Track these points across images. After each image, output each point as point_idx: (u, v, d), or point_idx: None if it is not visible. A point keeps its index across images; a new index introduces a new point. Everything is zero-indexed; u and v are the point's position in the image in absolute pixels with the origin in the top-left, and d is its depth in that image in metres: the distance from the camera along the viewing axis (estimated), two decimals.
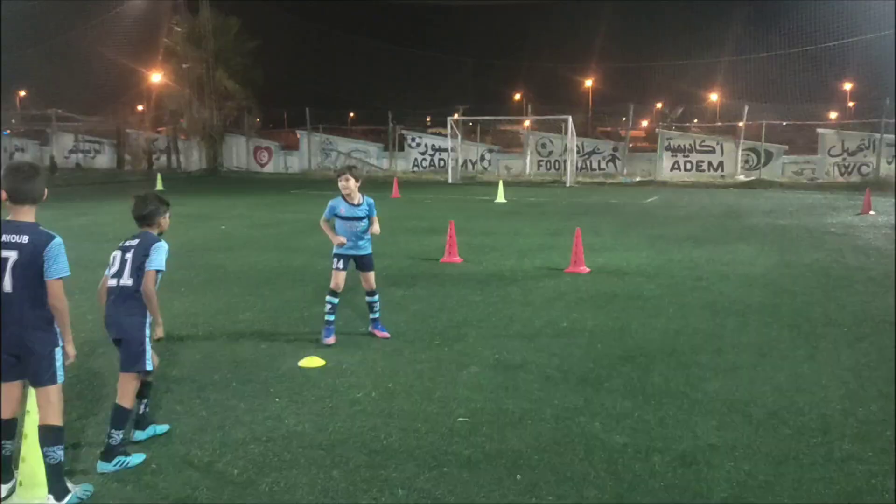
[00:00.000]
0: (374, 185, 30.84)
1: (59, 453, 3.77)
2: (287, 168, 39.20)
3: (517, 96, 61.80)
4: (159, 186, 28.18)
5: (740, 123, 31.64)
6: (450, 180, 32.48)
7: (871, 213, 18.46)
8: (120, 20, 40.00)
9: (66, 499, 3.77)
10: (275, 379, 5.81)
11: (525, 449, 4.53)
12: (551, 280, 9.80)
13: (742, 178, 30.75)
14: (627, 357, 6.37)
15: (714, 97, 46.55)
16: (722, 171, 31.86)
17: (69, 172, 35.96)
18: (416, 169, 37.18)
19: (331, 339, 6.77)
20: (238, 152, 40.61)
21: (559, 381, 5.76)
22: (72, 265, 3.99)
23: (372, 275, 6.99)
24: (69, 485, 3.86)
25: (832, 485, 4.08)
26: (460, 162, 34.76)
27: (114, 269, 4.48)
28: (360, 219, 6.79)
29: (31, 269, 3.71)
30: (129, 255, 4.49)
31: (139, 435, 4.64)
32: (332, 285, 6.82)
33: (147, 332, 4.44)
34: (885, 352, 6.49)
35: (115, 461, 4.23)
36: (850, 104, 45.98)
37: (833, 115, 40.87)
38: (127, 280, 4.42)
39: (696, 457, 4.41)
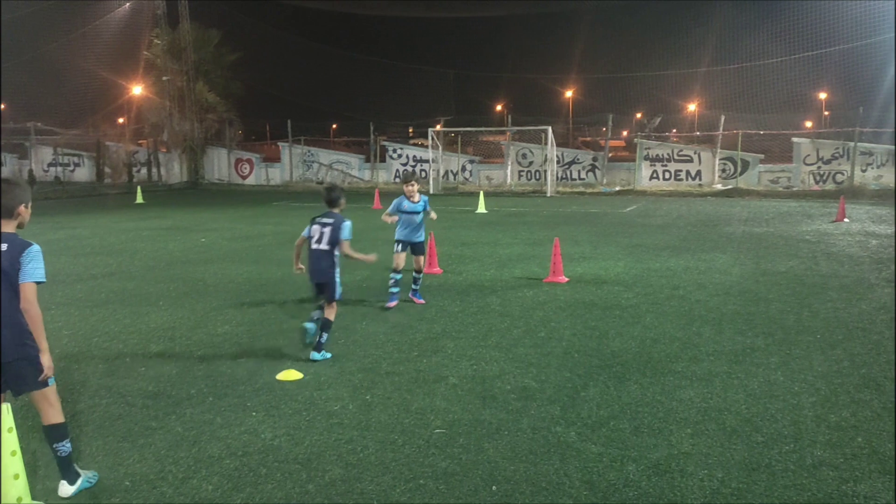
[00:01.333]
0: (355, 196, 30.84)
1: (67, 446, 4.10)
2: (269, 180, 39.09)
3: (498, 107, 62.14)
4: (139, 199, 28.02)
5: (717, 133, 32.02)
6: (431, 191, 32.51)
7: (846, 220, 18.73)
8: (100, 33, 39.81)
9: (78, 482, 4.14)
10: (252, 393, 5.79)
11: (501, 459, 4.56)
12: (530, 290, 9.85)
13: (719, 186, 31.08)
14: (604, 366, 6.41)
15: (692, 107, 47.07)
16: (700, 180, 32.18)
17: (48, 186, 35.58)
18: (397, 180, 37.19)
19: (392, 304, 8.72)
20: (219, 164, 40.44)
21: (536, 391, 5.79)
22: (49, 280, 4.02)
23: (422, 258, 9.18)
24: (79, 471, 4.20)
25: (803, 491, 4.14)
26: (441, 173, 34.84)
27: (315, 238, 6.76)
28: (417, 213, 8.87)
29: (12, 275, 3.83)
30: (327, 229, 6.80)
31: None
32: (393, 265, 8.84)
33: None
34: (857, 358, 6.59)
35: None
36: (825, 113, 46.71)
37: (808, 124, 41.48)
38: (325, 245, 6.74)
39: (670, 465, 4.45)
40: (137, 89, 40.49)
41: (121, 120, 44.70)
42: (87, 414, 5.37)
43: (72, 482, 4.13)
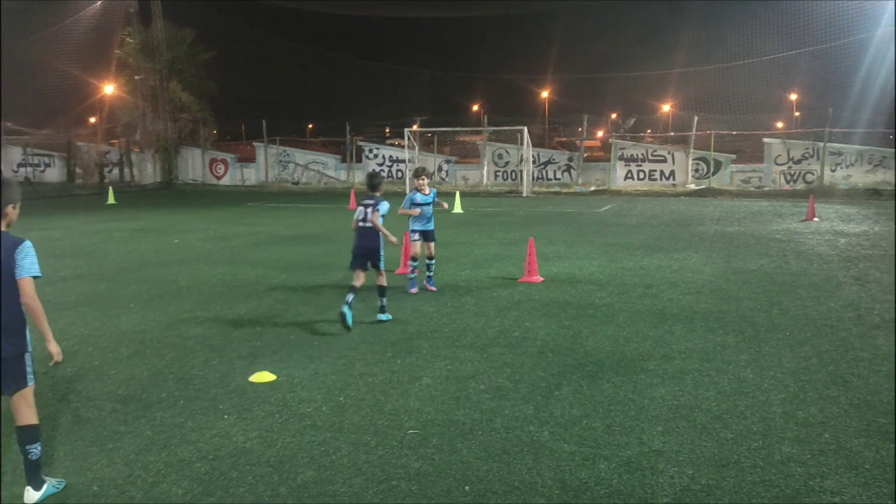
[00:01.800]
0: (332, 196, 30.70)
1: (39, 449, 4.09)
2: (244, 180, 38.79)
3: (475, 107, 62.27)
4: (111, 200, 27.65)
5: (690, 133, 32.37)
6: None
7: (815, 219, 19.04)
8: (70, 31, 39.18)
9: (44, 488, 4.08)
10: (224, 395, 5.74)
11: (474, 459, 4.56)
12: (505, 290, 9.88)
13: (692, 186, 31.42)
14: (578, 365, 6.45)
15: (666, 108, 47.54)
16: (673, 180, 32.51)
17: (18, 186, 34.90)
18: None
19: (414, 290, 9.63)
20: (193, 165, 40.04)
21: (510, 390, 5.81)
22: None
23: (433, 244, 9.88)
24: (45, 477, 4.15)
25: (771, 487, 4.19)
26: None
27: (361, 217, 7.98)
28: (429, 204, 9.68)
29: (6, 272, 3.92)
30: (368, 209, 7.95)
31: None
32: (412, 253, 9.74)
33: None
34: (825, 355, 6.70)
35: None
36: (796, 114, 47.43)
37: (779, 124, 42.09)
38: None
39: (641, 463, 4.49)
40: (109, 88, 39.96)
41: (92, 119, 44.09)
42: (54, 418, 5.28)
43: (37, 488, 4.07)
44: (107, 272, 11.63)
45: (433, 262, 9.93)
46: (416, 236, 9.68)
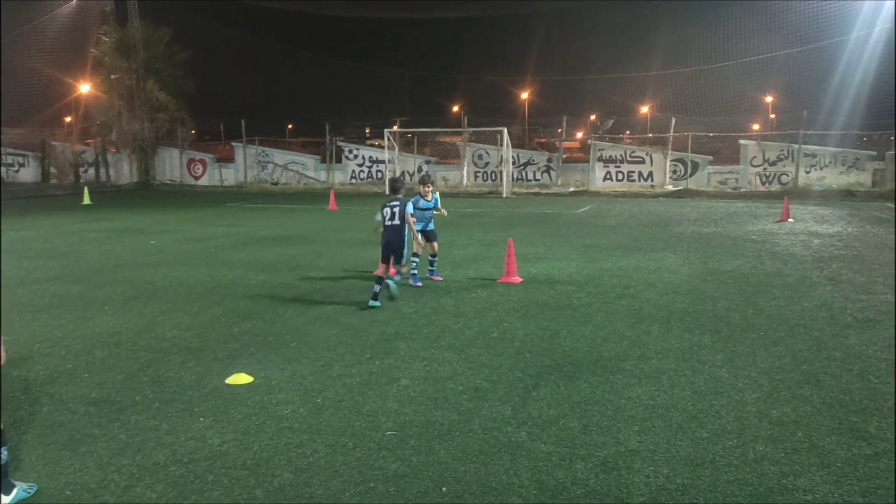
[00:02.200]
0: (311, 197, 30.57)
1: (5, 453, 4.02)
2: (223, 181, 38.49)
3: (455, 108, 62.31)
4: (86, 200, 27.31)
5: (668, 135, 32.65)
6: (387, 192, 32.44)
7: (790, 220, 19.29)
8: (45, 30, 38.63)
9: (14, 492, 4.03)
10: (200, 398, 5.69)
11: (452, 460, 4.56)
12: (484, 291, 9.89)
13: (670, 187, 31.70)
14: (555, 365, 6.48)
15: (645, 110, 47.92)
16: (651, 181, 32.77)
17: None
18: (353, 181, 37.03)
19: (419, 284, 10.28)
20: (171, 165, 39.67)
21: (488, 391, 5.82)
22: None
23: (435, 243, 10.71)
24: (15, 482, 4.09)
25: (746, 486, 4.24)
26: (398, 173, 34.77)
27: (388, 217, 9.09)
28: (430, 209, 10.46)
29: None
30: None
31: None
32: (414, 249, 10.35)
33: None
34: (798, 355, 6.79)
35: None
36: (772, 116, 48.04)
37: (755, 126, 42.60)
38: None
39: (617, 462, 4.52)
40: (85, 87, 39.45)
41: (68, 119, 43.46)
42: (26, 422, 5.21)
43: (7, 492, 4.02)
44: (81, 274, 11.49)
45: (436, 259, 10.88)
46: (420, 237, 10.37)
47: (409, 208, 9.29)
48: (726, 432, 4.98)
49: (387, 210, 9.09)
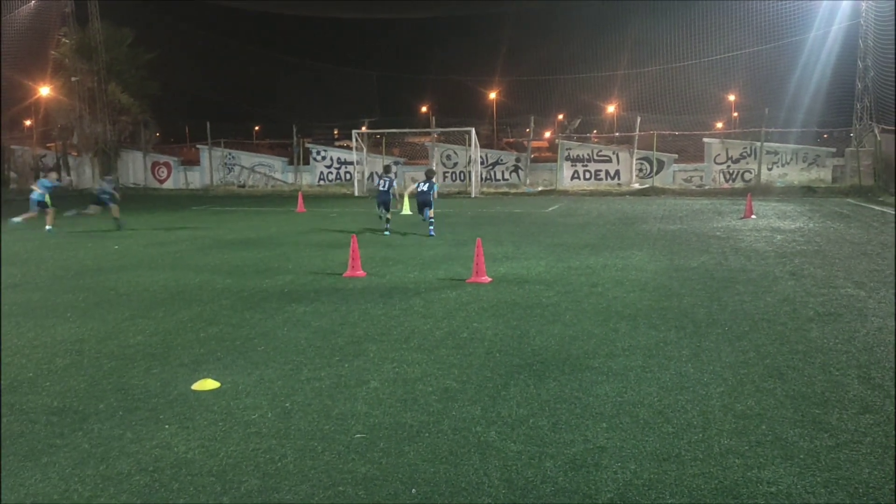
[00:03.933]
0: (279, 199, 30.32)
1: None
2: (188, 184, 38.01)
3: (423, 109, 62.30)
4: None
5: (634, 134, 33.03)
6: (356, 193, 32.34)
7: (753, 217, 19.64)
8: (3, 31, 37.75)
9: None
10: (165, 405, 5.60)
11: (421, 462, 4.55)
12: (453, 291, 9.90)
13: (637, 186, 32.07)
14: (525, 365, 6.51)
15: (611, 109, 48.40)
16: (618, 179, 33.12)
17: None
18: (321, 182, 36.83)
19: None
20: (135, 168, 39.07)
21: (457, 391, 5.82)
22: None
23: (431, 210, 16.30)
24: None
25: (711, 479, 4.29)
26: (366, 175, 34.67)
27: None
28: (427, 192, 16.07)
29: None
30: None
31: None
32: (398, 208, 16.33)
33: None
34: (762, 349, 6.91)
35: None
36: (735, 115, 48.85)
37: (719, 125, 43.29)
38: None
39: (585, 460, 4.55)
40: (45, 90, 38.65)
41: (28, 122, 42.57)
42: None
43: None
44: (42, 281, 11.25)
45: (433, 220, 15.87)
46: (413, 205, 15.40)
47: (436, 188, 16.02)
48: (692, 427, 5.05)
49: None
